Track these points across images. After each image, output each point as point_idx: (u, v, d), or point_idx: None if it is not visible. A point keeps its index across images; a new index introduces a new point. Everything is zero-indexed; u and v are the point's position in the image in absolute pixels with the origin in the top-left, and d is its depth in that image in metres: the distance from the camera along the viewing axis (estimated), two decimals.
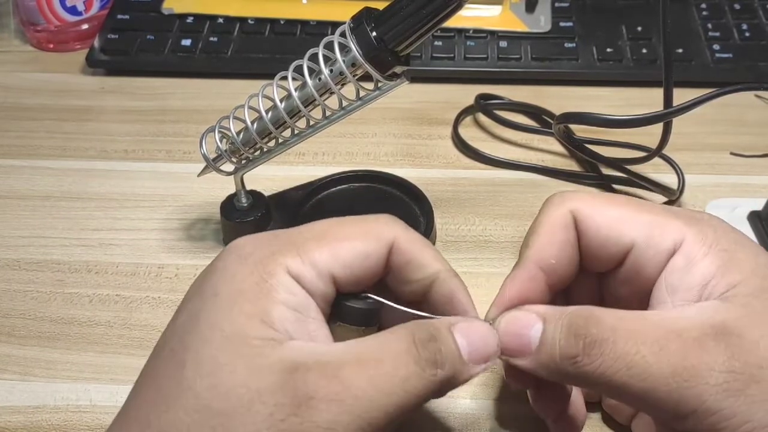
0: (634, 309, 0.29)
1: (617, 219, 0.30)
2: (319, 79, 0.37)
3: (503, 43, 0.61)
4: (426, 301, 0.30)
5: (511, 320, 0.29)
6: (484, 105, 0.56)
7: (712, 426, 0.25)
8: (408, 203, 0.47)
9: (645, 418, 0.33)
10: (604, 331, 0.26)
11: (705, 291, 0.28)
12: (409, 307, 0.30)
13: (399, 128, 0.56)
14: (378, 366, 0.25)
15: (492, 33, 0.62)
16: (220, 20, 0.64)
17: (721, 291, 0.27)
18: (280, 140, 0.40)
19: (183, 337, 0.26)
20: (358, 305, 0.30)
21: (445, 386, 0.26)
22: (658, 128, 0.44)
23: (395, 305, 0.30)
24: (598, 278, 0.33)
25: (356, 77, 0.37)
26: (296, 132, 0.40)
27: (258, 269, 0.27)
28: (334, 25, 0.61)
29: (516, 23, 0.63)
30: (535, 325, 0.28)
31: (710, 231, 0.29)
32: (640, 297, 0.30)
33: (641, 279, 0.30)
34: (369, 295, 0.30)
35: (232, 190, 0.45)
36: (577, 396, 0.34)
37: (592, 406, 0.36)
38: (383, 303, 0.30)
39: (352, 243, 0.28)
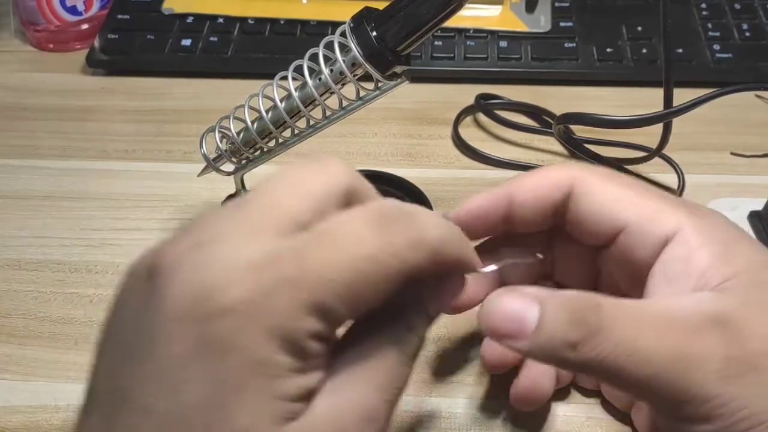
0: (627, 289, 0.30)
1: (615, 197, 0.30)
2: (319, 79, 0.37)
3: (503, 43, 0.61)
4: None
5: (504, 302, 0.27)
6: (484, 105, 0.56)
7: (709, 412, 0.25)
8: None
9: (644, 407, 0.34)
10: (606, 318, 0.26)
11: (701, 281, 0.28)
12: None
13: (399, 128, 0.56)
14: None
15: (492, 33, 0.62)
16: (220, 20, 0.64)
17: (718, 282, 0.27)
18: (281, 140, 0.40)
19: None
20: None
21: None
22: (658, 128, 0.44)
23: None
24: (596, 252, 0.33)
25: (356, 77, 0.37)
26: (296, 132, 0.40)
27: None
28: (334, 25, 0.61)
29: (516, 23, 0.63)
30: (530, 308, 0.26)
31: (708, 223, 0.29)
32: (632, 280, 0.30)
33: (633, 262, 0.30)
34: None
35: (232, 190, 0.45)
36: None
37: (591, 391, 0.37)
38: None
39: None
